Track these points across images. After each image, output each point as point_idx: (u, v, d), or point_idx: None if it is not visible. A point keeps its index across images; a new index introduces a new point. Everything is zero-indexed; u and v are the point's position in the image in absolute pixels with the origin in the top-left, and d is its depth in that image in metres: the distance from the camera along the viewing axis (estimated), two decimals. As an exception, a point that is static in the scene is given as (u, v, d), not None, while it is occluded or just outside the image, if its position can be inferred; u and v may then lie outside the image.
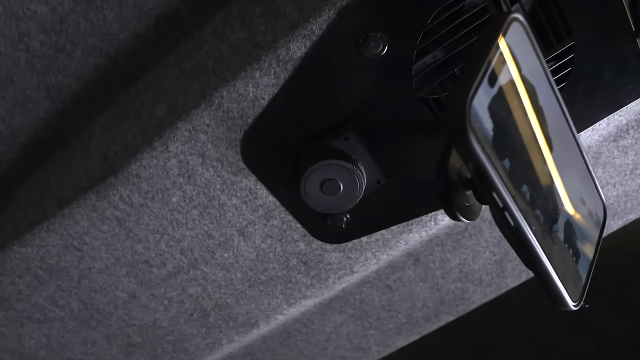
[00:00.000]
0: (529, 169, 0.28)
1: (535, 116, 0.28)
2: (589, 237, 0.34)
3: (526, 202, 0.28)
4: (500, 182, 0.25)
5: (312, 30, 0.41)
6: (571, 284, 0.32)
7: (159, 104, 0.46)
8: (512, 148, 0.27)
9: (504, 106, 0.26)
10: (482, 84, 0.24)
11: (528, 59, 0.28)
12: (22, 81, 0.48)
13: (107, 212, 0.49)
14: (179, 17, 0.45)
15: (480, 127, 0.24)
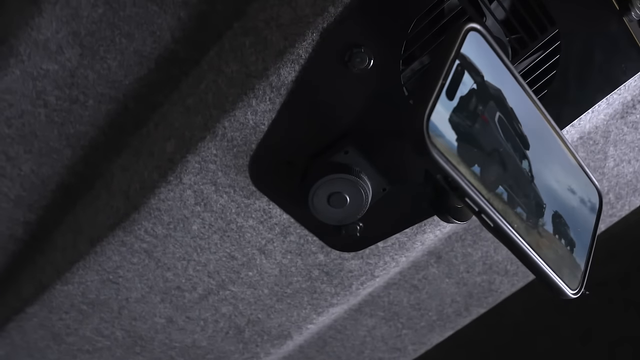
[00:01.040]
0: (503, 170, 0.29)
1: (504, 118, 0.29)
2: (585, 225, 0.35)
3: (504, 202, 0.29)
4: (471, 187, 0.26)
5: (299, 54, 0.43)
6: (568, 273, 0.33)
7: (169, 140, 0.49)
8: (480, 153, 0.28)
9: (467, 115, 0.27)
10: (439, 100, 0.26)
11: (491, 64, 0.29)
12: (44, 134, 0.52)
13: (135, 245, 0.52)
14: (176, 57, 0.48)
15: (442, 140, 0.26)
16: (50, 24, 0.47)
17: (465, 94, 0.27)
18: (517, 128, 0.30)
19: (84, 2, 0.46)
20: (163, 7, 0.46)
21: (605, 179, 0.58)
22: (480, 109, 0.28)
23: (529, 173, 0.31)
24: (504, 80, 0.30)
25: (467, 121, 0.27)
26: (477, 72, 0.28)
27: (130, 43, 0.48)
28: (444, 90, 0.26)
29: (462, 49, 0.27)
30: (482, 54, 0.29)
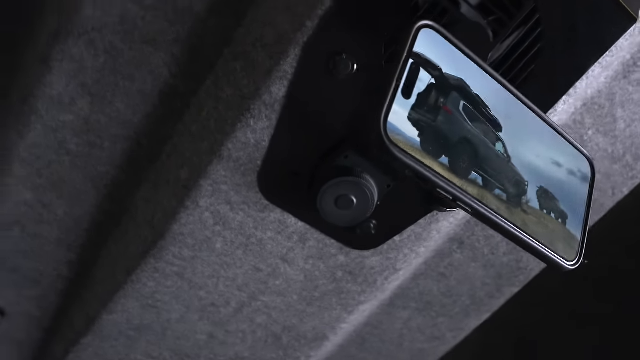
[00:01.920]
0: (474, 156, 0.30)
1: (470, 106, 0.30)
2: (577, 196, 0.35)
3: (479, 187, 0.30)
4: (440, 178, 0.28)
5: (286, 70, 0.45)
6: (562, 246, 0.33)
7: (182, 168, 0.52)
8: (447, 144, 0.29)
9: (427, 110, 0.28)
10: (395, 100, 0.27)
11: (449, 56, 0.30)
12: (71, 179, 0.56)
13: (166, 270, 0.56)
14: (176, 90, 0.51)
15: (403, 137, 0.27)
16: (60, 79, 0.51)
17: (423, 90, 0.28)
18: (485, 113, 0.31)
19: (86, 55, 0.49)
20: (156, 46, 0.49)
21: (619, 142, 0.57)
22: (442, 101, 0.29)
23: (505, 154, 0.32)
24: (465, 69, 0.31)
25: (428, 115, 0.28)
26: (434, 66, 0.29)
27: (132, 84, 0.51)
28: (400, 91, 0.27)
29: (415, 47, 0.29)
30: (439, 48, 0.30)
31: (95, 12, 0.48)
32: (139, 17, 0.48)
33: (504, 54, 0.46)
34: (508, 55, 0.46)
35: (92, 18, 0.48)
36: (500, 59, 0.46)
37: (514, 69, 0.46)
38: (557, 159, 0.35)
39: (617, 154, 0.58)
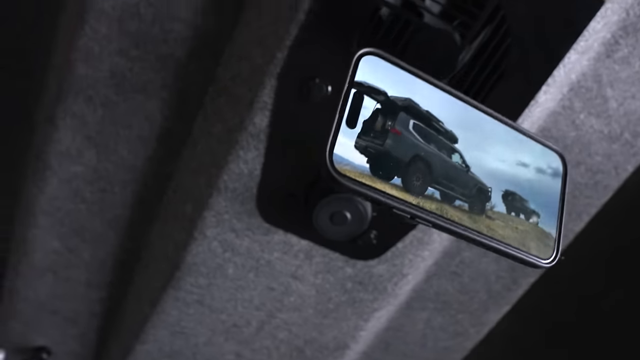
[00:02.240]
0: (428, 172, 0.31)
1: (421, 123, 0.32)
2: (549, 192, 0.36)
3: (437, 201, 0.31)
4: (393, 199, 0.29)
5: (265, 101, 0.47)
6: (536, 245, 0.34)
7: (187, 203, 0.55)
8: (398, 165, 0.30)
9: (375, 135, 0.30)
10: (340, 131, 0.29)
11: (394, 78, 0.32)
12: (90, 224, 0.60)
13: (187, 298, 0.59)
14: (171, 131, 0.55)
15: (352, 166, 0.29)
16: (66, 135, 0.55)
17: (368, 117, 0.30)
18: (438, 127, 0.32)
19: (85, 110, 0.53)
20: (147, 94, 0.52)
21: (614, 121, 0.57)
22: (390, 124, 0.31)
23: (463, 164, 0.33)
24: (413, 87, 0.32)
25: (376, 141, 0.30)
26: (378, 92, 0.31)
27: (131, 131, 0.55)
28: (344, 122, 0.29)
29: (357, 76, 0.30)
30: (382, 72, 0.31)
31: (88, 70, 0.51)
32: (126, 69, 0.51)
33: (474, 54, 0.47)
34: (478, 55, 0.47)
35: (85, 76, 0.52)
36: (471, 60, 0.47)
37: (486, 68, 0.47)
38: (523, 160, 0.35)
39: (614, 133, 0.57)
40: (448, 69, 0.47)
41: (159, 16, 0.49)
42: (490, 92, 0.48)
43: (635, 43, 0.52)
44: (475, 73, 0.47)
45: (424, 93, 0.32)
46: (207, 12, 0.49)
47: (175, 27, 0.50)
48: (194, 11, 0.49)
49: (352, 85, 0.30)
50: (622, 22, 0.51)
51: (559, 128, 0.56)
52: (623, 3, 0.49)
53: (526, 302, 0.78)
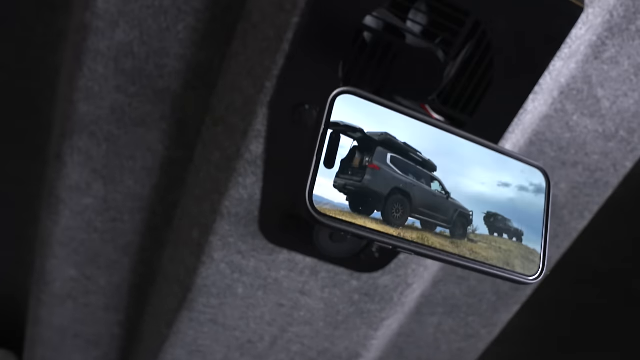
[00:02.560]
0: (408, 203, 0.32)
1: (398, 156, 0.33)
2: (532, 209, 0.37)
3: (419, 230, 0.32)
4: (374, 233, 0.31)
5: (259, 130, 0.49)
6: (521, 262, 0.35)
7: (193, 229, 0.57)
8: (377, 199, 0.31)
9: (353, 173, 0.31)
10: (318, 173, 0.30)
11: (370, 113, 0.33)
12: (104, 252, 0.63)
13: (200, 318, 0.61)
14: (173, 160, 0.57)
15: (332, 205, 0.30)
16: (74, 170, 0.57)
17: (346, 156, 0.31)
18: (416, 157, 0.33)
19: (90, 145, 0.56)
20: (147, 126, 0.55)
21: (608, 120, 0.57)
22: (367, 160, 0.32)
23: (442, 192, 0.34)
24: (389, 121, 0.33)
25: (354, 178, 0.31)
26: (354, 129, 0.32)
27: (135, 163, 0.57)
28: (321, 163, 0.30)
29: (333, 116, 0.32)
30: (358, 109, 0.33)
31: (89, 108, 0.54)
32: (126, 105, 0.53)
33: (459, 68, 0.48)
34: (463, 69, 0.47)
35: (87, 114, 0.54)
36: (457, 74, 0.48)
37: (472, 81, 0.47)
38: (504, 180, 0.36)
39: (609, 131, 0.57)
40: (434, 85, 0.48)
41: (152, 53, 0.51)
42: (479, 104, 0.48)
43: (622, 43, 0.52)
44: (462, 86, 0.48)
45: (400, 125, 0.33)
46: (196, 46, 0.51)
47: (168, 62, 0.51)
48: (184, 46, 0.50)
49: (328, 126, 0.31)
50: (607, 23, 0.51)
51: (553, 131, 0.57)
52: (605, 5, 0.49)
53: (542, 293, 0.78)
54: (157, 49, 0.51)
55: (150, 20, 0.49)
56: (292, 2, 0.44)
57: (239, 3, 0.48)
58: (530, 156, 0.59)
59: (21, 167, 0.71)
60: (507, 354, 0.91)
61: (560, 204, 0.62)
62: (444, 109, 0.49)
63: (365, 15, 0.44)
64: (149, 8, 0.49)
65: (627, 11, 0.51)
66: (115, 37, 0.50)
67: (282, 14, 0.45)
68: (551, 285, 0.82)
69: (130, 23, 0.49)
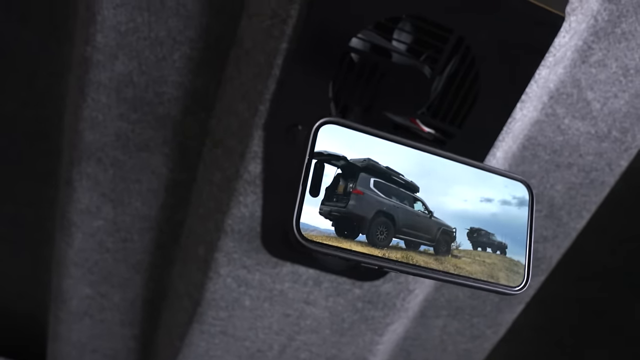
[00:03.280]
0: (392, 225, 0.34)
1: (381, 180, 0.34)
2: (515, 222, 0.38)
3: (403, 250, 0.34)
4: (360, 255, 0.32)
5: (255, 151, 0.51)
6: (505, 274, 0.36)
7: (199, 246, 0.60)
8: (362, 223, 0.33)
9: (337, 199, 0.33)
10: (304, 202, 0.32)
11: (352, 140, 0.34)
12: (117, 270, 0.65)
13: (211, 330, 0.64)
14: (177, 182, 0.59)
15: (318, 231, 0.32)
16: (84, 194, 0.60)
17: (330, 184, 0.33)
18: (399, 180, 0.35)
19: (97, 171, 0.58)
20: (150, 151, 0.57)
21: (600, 121, 0.57)
22: (351, 186, 0.34)
23: (425, 211, 0.35)
24: (371, 146, 0.35)
25: (339, 204, 0.33)
26: (337, 158, 0.34)
27: (141, 185, 0.59)
28: (307, 192, 0.32)
29: (317, 146, 0.33)
30: (340, 137, 0.34)
31: (95, 136, 0.56)
32: (129, 131, 0.56)
33: (446, 82, 0.49)
34: (450, 83, 0.49)
35: (93, 141, 0.56)
36: (444, 88, 0.49)
37: (459, 94, 0.49)
38: (486, 195, 0.38)
39: (601, 132, 0.58)
40: (422, 100, 0.49)
41: (151, 82, 0.53)
42: (467, 115, 0.50)
43: (608, 46, 0.53)
44: (450, 99, 0.49)
45: (382, 149, 0.35)
46: (193, 74, 0.53)
47: (167, 89, 0.54)
48: (181, 74, 0.53)
49: (312, 157, 0.33)
50: (592, 28, 0.52)
51: (546, 135, 0.58)
52: (589, 11, 0.50)
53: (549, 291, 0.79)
54: (155, 78, 0.53)
55: (147, 51, 0.51)
56: (280, 29, 0.46)
57: (230, 31, 0.50)
58: (524, 160, 0.60)
59: (33, 190, 0.74)
60: (515, 352, 0.92)
61: (557, 205, 0.63)
62: (433, 122, 0.50)
63: (350, 37, 0.46)
64: (146, 40, 0.51)
65: (611, 15, 0.51)
66: (116, 68, 0.52)
67: (271, 40, 0.47)
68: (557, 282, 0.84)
69: (128, 55, 0.52)
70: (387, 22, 0.46)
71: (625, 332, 0.91)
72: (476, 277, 0.35)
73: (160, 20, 0.50)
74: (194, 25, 0.50)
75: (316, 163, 0.33)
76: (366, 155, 0.35)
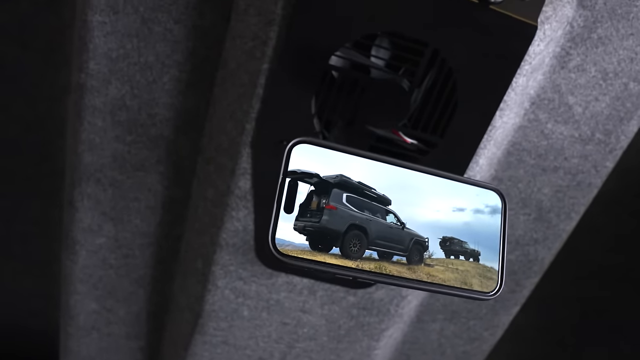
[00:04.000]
0: (365, 237, 0.36)
1: (354, 194, 0.36)
2: (488, 230, 0.39)
3: (376, 260, 0.35)
4: (334, 267, 0.34)
5: (244, 167, 0.53)
6: (478, 281, 0.38)
7: (197, 260, 0.62)
8: (335, 236, 0.35)
9: (311, 215, 0.35)
10: (279, 218, 0.34)
11: (325, 158, 0.36)
12: (120, 285, 0.68)
13: (213, 340, 0.66)
14: (173, 198, 0.61)
15: (293, 246, 0.34)
16: (86, 214, 0.62)
17: (304, 201, 0.35)
18: (371, 194, 0.37)
19: (97, 191, 0.61)
20: (146, 170, 0.59)
21: (583, 125, 0.59)
22: (324, 202, 0.35)
23: (398, 223, 0.37)
24: (343, 163, 0.37)
25: (312, 219, 0.35)
26: (310, 175, 0.36)
27: (140, 203, 0.62)
28: (282, 209, 0.34)
29: (291, 165, 0.35)
30: (313, 155, 0.36)
31: (93, 158, 0.59)
32: (125, 152, 0.58)
33: (425, 94, 0.50)
34: (429, 95, 0.50)
35: (92, 163, 0.59)
36: (423, 100, 0.51)
37: (438, 105, 0.50)
38: (459, 205, 0.39)
39: (585, 135, 0.59)
40: (402, 112, 0.51)
41: (143, 104, 0.55)
42: (447, 125, 0.51)
43: (586, 51, 0.54)
44: (430, 110, 0.51)
45: (354, 165, 0.37)
46: (182, 95, 0.55)
47: (159, 111, 0.56)
48: (171, 95, 0.55)
49: (287, 175, 0.35)
50: (569, 34, 0.53)
51: (530, 140, 0.59)
52: (564, 18, 0.51)
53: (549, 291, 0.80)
54: (147, 100, 0.55)
55: (138, 76, 0.54)
56: (261, 50, 0.48)
57: (215, 53, 0.53)
58: (510, 166, 0.61)
59: (40, 209, 0.77)
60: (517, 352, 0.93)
61: (546, 208, 0.64)
62: (415, 132, 0.52)
63: (329, 56, 0.48)
64: (136, 65, 0.53)
65: (587, 21, 0.53)
66: (109, 93, 0.55)
67: (253, 62, 0.49)
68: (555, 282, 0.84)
69: (120, 79, 0.54)
70: (364, 40, 0.48)
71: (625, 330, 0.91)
72: (449, 284, 0.37)
73: (148, 46, 0.52)
74: (181, 49, 0.52)
75: (290, 181, 0.35)
76: (339, 171, 0.37)
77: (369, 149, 0.54)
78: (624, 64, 0.56)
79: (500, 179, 0.62)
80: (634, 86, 0.57)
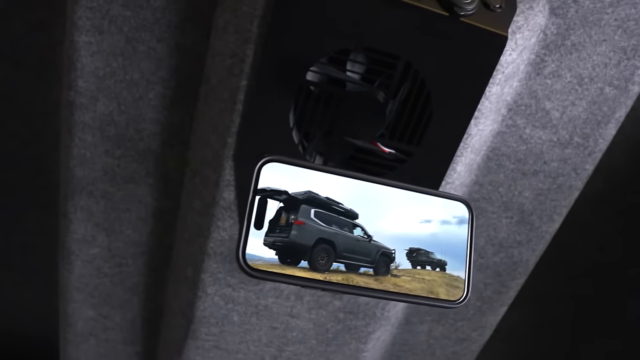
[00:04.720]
0: (332, 250, 0.37)
1: (321, 209, 0.38)
2: (455, 240, 0.41)
3: (343, 272, 0.37)
4: (302, 280, 0.36)
5: (228, 179, 0.54)
6: (445, 290, 0.39)
7: (187, 268, 0.64)
8: (303, 250, 0.36)
9: (280, 231, 0.36)
10: (249, 234, 0.35)
11: (293, 175, 0.38)
12: (115, 293, 0.70)
13: (205, 345, 0.68)
14: (163, 209, 0.63)
15: (263, 260, 0.35)
16: (79, 225, 0.64)
17: (273, 217, 0.37)
18: (338, 209, 0.38)
19: (90, 203, 0.63)
20: (135, 182, 0.61)
21: (561, 129, 0.60)
22: (293, 218, 0.37)
23: (365, 236, 0.39)
24: (312, 180, 0.38)
25: (281, 235, 0.36)
26: (279, 192, 0.37)
27: (131, 214, 0.64)
28: (252, 225, 0.36)
29: (260, 183, 0.37)
30: (282, 173, 0.38)
31: (85, 172, 0.61)
32: (115, 166, 0.60)
33: (400, 106, 0.52)
34: (404, 105, 0.52)
35: (84, 177, 0.61)
36: (398, 111, 0.52)
37: (413, 116, 0.52)
38: (426, 217, 0.40)
39: (563, 139, 0.60)
40: (379, 123, 0.52)
41: (130, 120, 0.57)
42: (423, 135, 0.52)
43: (560, 57, 0.55)
44: (406, 121, 0.52)
45: (321, 182, 0.38)
46: (168, 110, 0.57)
47: (145, 125, 0.58)
48: (157, 111, 0.57)
49: (256, 193, 0.37)
50: (542, 41, 0.54)
51: (509, 145, 0.60)
52: (536, 26, 0.52)
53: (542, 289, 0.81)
54: (134, 116, 0.57)
55: (125, 92, 0.56)
56: (239, 67, 0.49)
57: (198, 69, 0.54)
58: (490, 171, 0.63)
59: (38, 220, 0.79)
60: (512, 350, 0.94)
61: (528, 211, 0.65)
62: (392, 143, 0.53)
63: (306, 71, 0.49)
64: (122, 82, 0.55)
65: (559, 28, 0.54)
66: (98, 109, 0.57)
67: (232, 78, 0.50)
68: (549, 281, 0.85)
69: (108, 96, 0.56)
70: (338, 55, 0.50)
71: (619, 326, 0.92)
72: (415, 293, 0.38)
73: (133, 64, 0.54)
74: (165, 66, 0.54)
75: (260, 199, 0.37)
76: (308, 187, 0.38)
77: (349, 159, 0.55)
78: (599, 69, 0.57)
79: (480, 183, 0.63)
80: (610, 90, 0.58)
